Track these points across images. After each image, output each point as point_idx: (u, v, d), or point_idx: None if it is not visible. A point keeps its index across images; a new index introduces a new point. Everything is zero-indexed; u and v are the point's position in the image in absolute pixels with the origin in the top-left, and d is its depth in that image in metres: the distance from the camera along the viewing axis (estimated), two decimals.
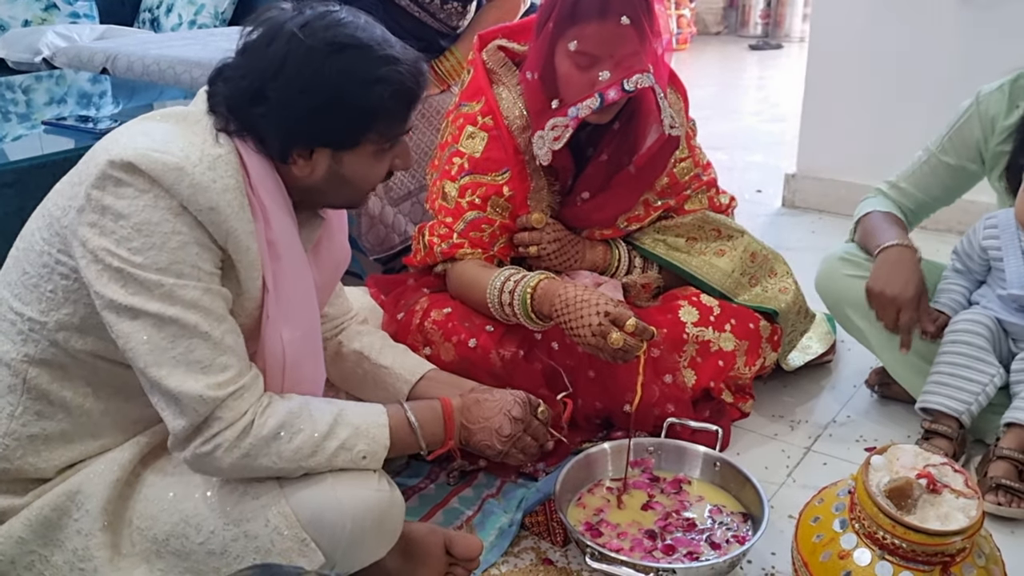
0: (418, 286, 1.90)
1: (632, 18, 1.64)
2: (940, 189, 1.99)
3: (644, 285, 1.97)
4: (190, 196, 1.17)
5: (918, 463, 1.31)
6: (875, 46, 3.11)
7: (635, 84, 1.66)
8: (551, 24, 1.70)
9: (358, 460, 1.28)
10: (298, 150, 1.25)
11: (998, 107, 1.85)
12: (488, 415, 1.43)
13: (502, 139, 1.81)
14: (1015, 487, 1.66)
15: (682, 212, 2.02)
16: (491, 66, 1.87)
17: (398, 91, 1.25)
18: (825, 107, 3.30)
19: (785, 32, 7.28)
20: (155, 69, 2.64)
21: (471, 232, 1.81)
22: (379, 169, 1.33)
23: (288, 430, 1.23)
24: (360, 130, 1.26)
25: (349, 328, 1.62)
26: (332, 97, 1.21)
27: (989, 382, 1.79)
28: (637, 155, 1.85)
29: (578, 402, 1.81)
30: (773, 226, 3.28)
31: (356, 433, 1.28)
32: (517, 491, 1.72)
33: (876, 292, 1.82)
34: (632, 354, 1.53)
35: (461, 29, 2.40)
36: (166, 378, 1.17)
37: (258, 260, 1.25)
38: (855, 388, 2.13)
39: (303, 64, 1.20)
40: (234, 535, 1.25)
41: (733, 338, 1.91)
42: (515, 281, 1.68)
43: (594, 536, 1.53)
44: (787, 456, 1.89)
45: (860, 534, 1.28)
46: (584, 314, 1.55)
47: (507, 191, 1.81)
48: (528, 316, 1.66)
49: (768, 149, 4.23)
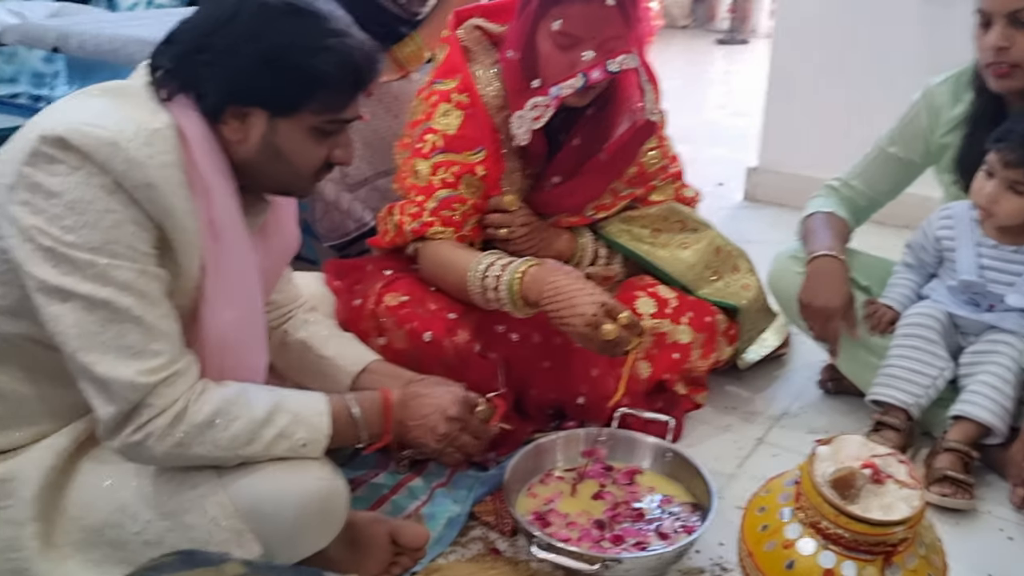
0: (377, 270, 1.86)
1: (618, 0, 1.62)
2: (887, 183, 2.02)
3: (605, 277, 1.96)
4: (125, 172, 1.13)
5: (863, 454, 1.31)
6: (837, 42, 3.13)
7: (620, 65, 1.65)
8: (534, 2, 1.68)
9: (298, 448, 1.25)
10: (234, 107, 1.22)
11: (943, 99, 1.88)
12: (425, 412, 1.39)
13: (478, 117, 1.77)
14: (960, 478, 1.68)
15: (648, 203, 2.02)
16: (467, 44, 1.84)
17: (345, 63, 1.22)
18: (787, 102, 3.32)
19: (752, 27, 7.30)
20: (108, 48, 2.58)
21: (442, 211, 1.77)
22: (316, 152, 1.29)
23: (224, 417, 1.20)
24: (299, 95, 1.22)
25: (296, 316, 1.59)
26: (277, 53, 1.19)
27: (939, 375, 1.81)
28: (609, 142, 1.84)
29: (531, 393, 1.81)
30: (734, 219, 3.29)
31: (296, 420, 1.25)
32: (467, 481, 1.70)
33: (805, 303, 1.87)
34: (622, 348, 1.52)
35: (422, 16, 2.36)
36: (96, 364, 1.14)
37: (197, 239, 1.22)
38: (807, 381, 2.14)
39: (255, 17, 1.19)
40: (170, 525, 1.22)
41: (690, 331, 1.91)
42: (501, 266, 1.64)
43: (543, 526, 1.53)
44: (739, 447, 1.89)
45: (804, 524, 1.28)
46: (578, 303, 1.52)
47: (481, 170, 1.78)
48: (514, 302, 1.62)
49: (731, 143, 4.24)
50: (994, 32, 1.66)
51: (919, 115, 1.92)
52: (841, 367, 1.98)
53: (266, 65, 1.19)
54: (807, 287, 1.88)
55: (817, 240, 1.93)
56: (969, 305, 1.83)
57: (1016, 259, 1.76)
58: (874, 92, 3.04)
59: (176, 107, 1.22)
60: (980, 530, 1.65)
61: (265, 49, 1.19)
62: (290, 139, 1.25)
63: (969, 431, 1.73)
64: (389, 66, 2.32)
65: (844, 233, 1.99)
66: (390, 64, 2.32)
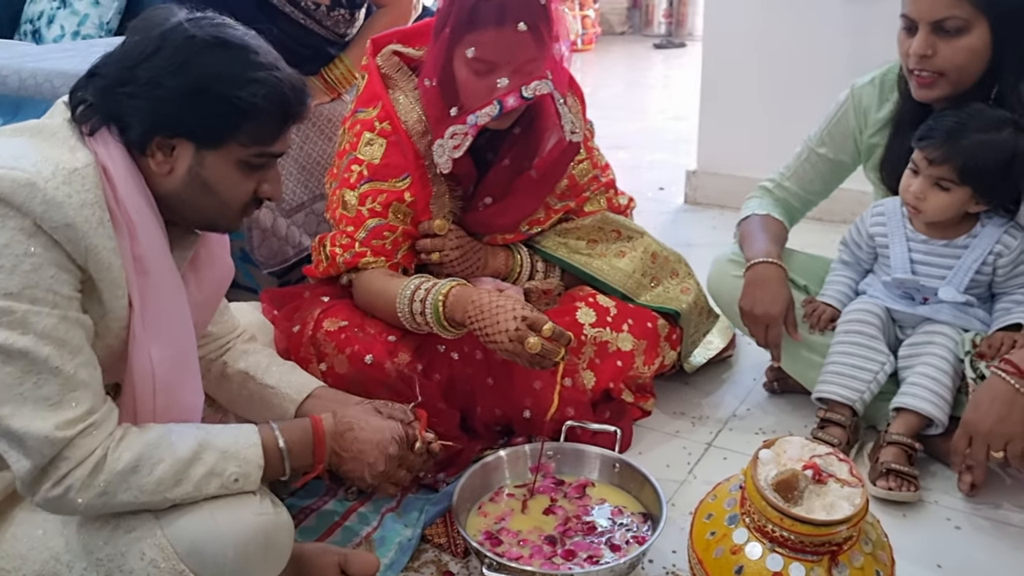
0: (314, 297, 1.85)
1: (529, 24, 1.63)
2: (819, 183, 2.04)
3: (545, 291, 1.96)
4: (43, 213, 1.10)
5: (804, 454, 1.32)
6: (766, 43, 3.17)
7: (533, 91, 1.66)
8: (448, 30, 1.68)
9: (230, 484, 1.22)
10: (159, 138, 1.20)
11: (870, 100, 1.90)
12: (362, 447, 1.36)
13: (401, 144, 1.78)
14: (904, 471, 1.70)
15: (582, 214, 2.02)
16: (386, 71, 1.84)
17: (272, 95, 1.21)
18: (722, 104, 3.36)
19: (688, 31, 7.41)
20: (32, 83, 2.52)
21: (373, 240, 1.77)
22: (244, 185, 1.27)
23: (147, 462, 1.17)
24: (226, 127, 1.21)
25: (235, 347, 1.56)
26: (204, 84, 1.18)
27: (880, 370, 1.83)
28: (538, 159, 1.85)
29: (476, 410, 1.80)
30: (675, 223, 3.32)
31: (224, 456, 1.22)
32: (418, 504, 1.69)
33: (746, 311, 1.90)
34: (550, 360, 1.51)
35: (350, 36, 2.35)
36: (9, 417, 1.10)
37: (122, 277, 1.19)
38: (754, 382, 2.16)
39: (180, 48, 1.18)
40: (107, 571, 1.19)
41: (631, 338, 1.92)
42: (426, 289, 1.64)
43: (494, 545, 1.51)
44: (688, 453, 1.90)
45: (751, 528, 1.29)
46: (500, 319, 1.51)
47: (408, 197, 1.78)
48: (440, 323, 1.62)
49: (671, 147, 4.29)
50: (918, 39, 1.67)
51: (847, 115, 1.95)
52: (785, 366, 1.99)
53: (193, 96, 1.18)
54: (746, 294, 1.90)
55: (754, 245, 1.95)
56: (904, 299, 1.85)
57: (946, 253, 1.79)
58: (803, 91, 3.09)
59: (98, 142, 1.19)
60: (927, 521, 1.68)
61: (192, 80, 1.17)
62: (217, 172, 1.24)
63: (911, 422, 1.75)
64: (320, 88, 2.31)
65: (781, 235, 2.01)
66: (321, 86, 2.31)
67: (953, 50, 1.65)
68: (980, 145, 1.65)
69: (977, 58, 1.66)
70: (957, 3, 1.62)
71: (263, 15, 2.16)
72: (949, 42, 1.65)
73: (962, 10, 1.62)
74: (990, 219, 1.77)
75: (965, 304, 1.79)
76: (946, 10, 1.63)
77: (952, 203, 1.73)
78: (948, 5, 1.62)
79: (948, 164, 1.69)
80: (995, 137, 1.65)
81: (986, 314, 1.81)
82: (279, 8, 2.20)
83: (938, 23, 1.64)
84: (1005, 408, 1.56)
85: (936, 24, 1.65)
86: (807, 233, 2.27)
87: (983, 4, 1.62)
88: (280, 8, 2.20)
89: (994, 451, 1.57)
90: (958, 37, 1.65)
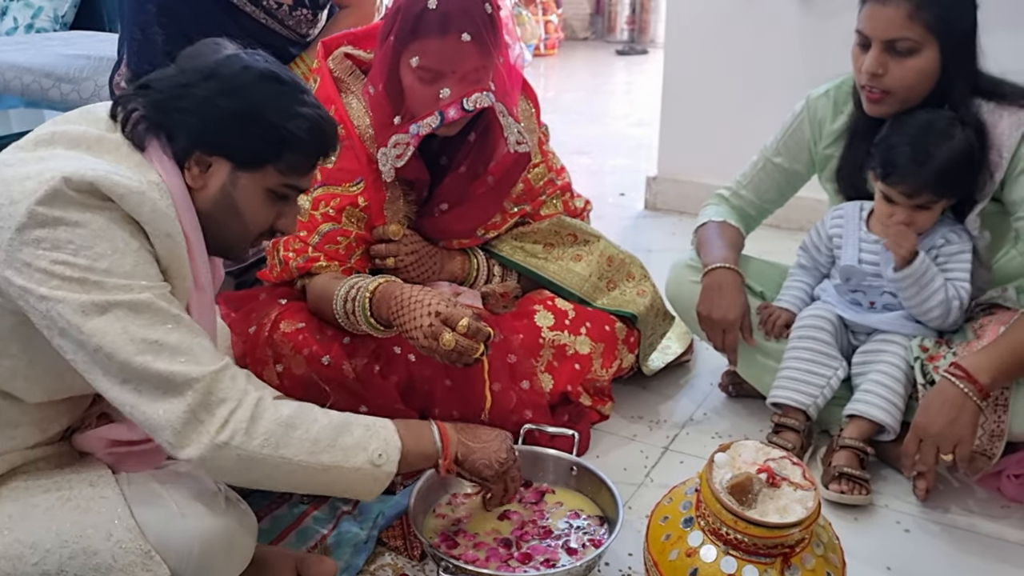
0: (271, 299, 1.83)
1: (473, 34, 1.62)
2: (775, 191, 2.07)
3: (502, 294, 1.96)
4: (150, 220, 1.17)
5: (759, 458, 1.34)
6: (725, 52, 3.21)
7: (474, 103, 1.66)
8: (392, 38, 1.68)
9: (375, 459, 1.28)
10: (200, 154, 1.24)
11: (824, 111, 1.93)
12: (487, 439, 1.47)
13: (355, 149, 1.77)
14: (856, 475, 1.73)
15: (538, 217, 2.03)
16: (338, 74, 1.83)
17: (315, 131, 1.28)
18: (682, 111, 3.39)
19: (651, 38, 7.46)
20: None
21: (326, 245, 1.76)
22: (267, 213, 1.32)
23: (304, 418, 1.23)
24: (268, 151, 1.26)
25: None
26: (256, 110, 1.24)
27: (833, 375, 1.86)
28: (493, 165, 1.85)
29: (435, 412, 1.79)
30: (635, 228, 3.34)
31: (368, 432, 1.29)
32: (373, 507, 1.67)
33: (704, 316, 1.93)
34: (469, 356, 1.48)
35: (312, 37, 2.34)
36: (153, 361, 1.13)
37: (187, 291, 1.26)
38: (711, 386, 2.18)
39: (236, 75, 1.24)
40: (72, 552, 1.18)
41: (589, 341, 1.93)
42: (358, 288, 1.63)
43: (450, 547, 1.51)
44: (646, 456, 1.91)
45: (706, 531, 1.30)
46: (417, 315, 1.50)
47: (362, 201, 1.77)
48: (368, 321, 1.61)
49: (632, 153, 4.32)
50: (869, 57, 1.70)
51: (802, 126, 1.97)
52: (740, 371, 2.01)
53: (244, 118, 1.24)
54: (704, 300, 1.92)
55: (712, 251, 1.97)
56: (854, 305, 1.88)
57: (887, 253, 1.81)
58: (761, 100, 3.12)
59: (153, 156, 1.24)
60: (878, 524, 1.70)
61: (246, 105, 1.23)
62: (247, 195, 1.28)
63: (863, 428, 1.78)
64: None
65: (738, 242, 2.03)
66: None
67: (903, 70, 1.69)
68: (944, 163, 1.68)
69: (925, 79, 1.70)
70: (910, 25, 1.65)
71: (224, 14, 2.14)
72: (900, 62, 1.68)
73: (914, 32, 1.65)
74: (940, 221, 1.80)
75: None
76: (899, 31, 1.66)
77: (936, 214, 1.76)
78: (901, 26, 1.65)
79: (924, 193, 1.72)
80: (952, 145, 1.68)
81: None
82: (240, 8, 2.18)
83: (890, 43, 1.67)
84: (954, 411, 1.59)
85: (888, 43, 1.68)
86: (764, 240, 2.30)
87: (935, 28, 1.65)
88: (241, 8, 2.18)
89: (943, 454, 1.60)
90: (909, 58, 1.68)
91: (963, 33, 1.68)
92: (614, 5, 7.62)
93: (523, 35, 6.42)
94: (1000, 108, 1.69)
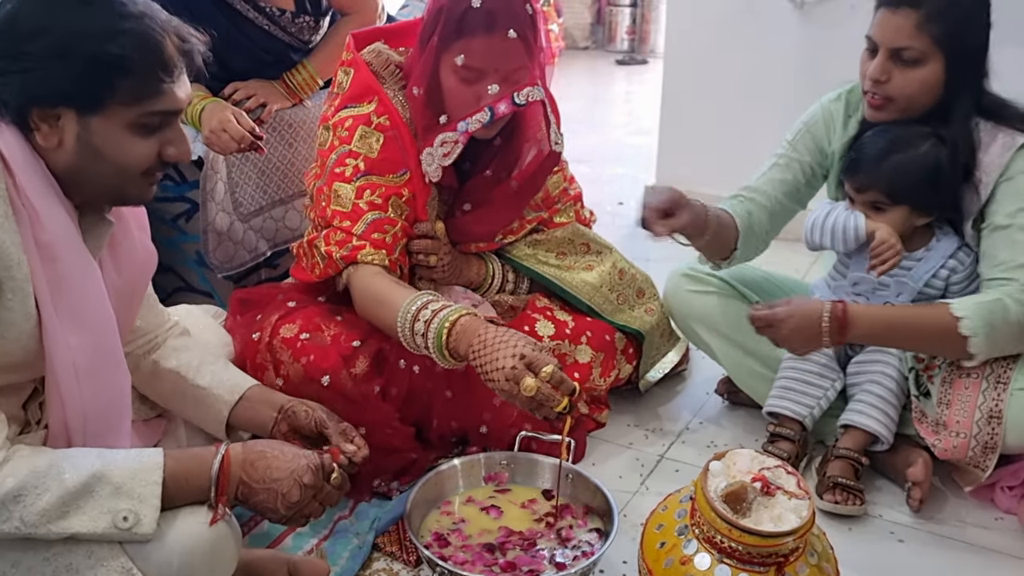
0: (282, 301, 1.80)
1: (519, 32, 1.63)
2: (791, 184, 1.95)
3: (512, 307, 1.96)
4: None
5: (753, 467, 1.34)
6: (724, 61, 3.22)
7: (526, 97, 1.66)
8: (436, 38, 1.67)
9: (120, 523, 1.14)
10: (39, 111, 1.15)
11: (837, 115, 1.90)
12: (276, 476, 1.25)
13: (401, 139, 1.74)
14: (851, 485, 1.73)
15: (552, 225, 2.04)
16: (375, 68, 1.79)
17: (143, 44, 1.15)
18: (681, 120, 3.40)
19: (651, 48, 7.46)
20: None
21: (373, 233, 1.70)
22: (141, 149, 1.20)
23: (32, 490, 1.11)
24: (100, 86, 1.15)
25: (165, 344, 1.52)
26: (68, 45, 1.12)
27: (830, 387, 1.87)
28: (517, 171, 1.85)
29: (433, 422, 1.80)
30: (633, 237, 3.32)
31: (117, 493, 1.15)
32: (370, 511, 1.69)
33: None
34: (548, 407, 1.39)
35: (314, 43, 2.35)
36: None
37: (27, 272, 1.15)
38: (707, 395, 2.19)
39: (38, 13, 1.13)
40: (54, 568, 1.16)
41: (589, 350, 1.94)
42: (432, 311, 1.53)
43: (441, 546, 1.51)
44: (641, 464, 1.92)
45: (700, 539, 1.31)
46: (500, 356, 1.41)
47: (407, 193, 1.75)
48: (441, 353, 1.51)
49: (632, 161, 4.32)
50: (875, 64, 1.71)
51: (817, 127, 1.93)
52: (736, 381, 2.02)
53: (58, 60, 1.12)
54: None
55: None
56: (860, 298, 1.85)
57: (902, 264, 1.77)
58: (760, 109, 3.13)
59: None
60: (872, 534, 1.71)
61: (54, 43, 1.12)
62: (107, 137, 1.18)
63: (857, 439, 1.79)
64: (282, 94, 2.30)
65: (723, 216, 1.91)
66: (283, 92, 2.30)
67: (906, 79, 1.69)
68: (900, 165, 1.70)
69: (928, 90, 1.70)
70: (917, 35, 1.66)
71: (227, 20, 2.15)
72: (904, 71, 1.69)
73: (921, 43, 1.66)
74: (946, 235, 1.80)
75: None
76: (906, 40, 1.67)
77: (895, 221, 1.76)
78: (909, 36, 1.66)
79: (873, 189, 1.74)
80: (915, 154, 1.70)
81: None
82: (243, 13, 2.19)
83: (896, 51, 1.68)
84: (804, 324, 1.69)
85: (894, 52, 1.68)
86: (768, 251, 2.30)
87: (942, 41, 1.66)
88: (244, 14, 2.19)
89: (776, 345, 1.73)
90: (913, 68, 1.68)
91: (971, 50, 1.69)
92: (615, 15, 7.62)
93: None
94: (996, 129, 1.70)
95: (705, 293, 1.96)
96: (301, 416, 1.46)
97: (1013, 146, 1.67)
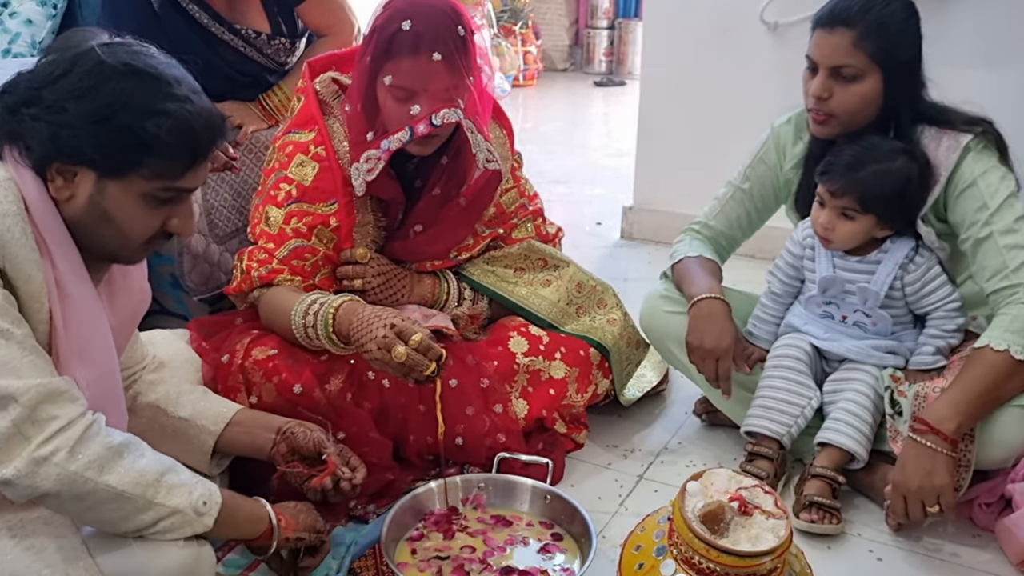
0: (245, 328, 1.82)
1: (444, 55, 1.67)
2: (745, 220, 2.09)
3: (472, 316, 1.97)
4: None
5: (731, 487, 1.34)
6: (699, 84, 3.25)
7: (442, 119, 1.69)
8: (368, 58, 1.73)
9: (197, 505, 1.21)
10: (60, 164, 1.17)
11: (787, 137, 1.99)
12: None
13: (332, 170, 1.80)
14: (828, 504, 1.73)
15: (510, 240, 2.05)
16: (324, 97, 1.86)
17: (179, 128, 1.19)
18: (658, 142, 3.42)
19: (628, 70, 7.51)
20: None
21: (292, 260, 1.78)
22: (149, 219, 1.24)
23: (134, 448, 1.18)
24: (128, 159, 1.18)
25: (142, 378, 1.52)
26: (106, 113, 1.15)
27: (807, 404, 1.87)
28: (465, 187, 1.88)
29: (409, 439, 1.79)
30: (612, 258, 3.35)
31: (194, 478, 1.23)
32: (347, 535, 1.66)
33: (695, 346, 1.89)
34: (419, 372, 1.52)
35: (289, 65, 2.35)
36: None
37: (43, 291, 1.17)
38: (686, 415, 2.19)
39: (89, 74, 1.16)
40: None
41: (564, 366, 1.94)
42: (320, 304, 1.66)
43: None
44: (620, 485, 1.91)
45: (678, 559, 1.30)
46: (373, 327, 1.54)
47: (334, 222, 1.80)
48: (329, 337, 1.64)
49: (609, 182, 4.34)
50: (816, 82, 1.77)
51: (768, 153, 2.02)
52: (714, 401, 2.02)
53: (94, 124, 1.15)
54: (694, 330, 1.89)
55: (696, 283, 1.97)
56: (825, 319, 1.89)
57: (861, 268, 1.84)
58: (736, 131, 3.12)
59: (9, 162, 1.18)
60: (850, 553, 1.71)
61: (95, 107, 1.16)
62: (119, 203, 1.21)
63: (834, 457, 1.79)
64: (258, 115, 2.30)
65: (718, 273, 2.04)
66: (259, 113, 2.30)
67: (847, 95, 1.75)
68: (876, 175, 1.74)
69: (868, 104, 1.76)
70: (854, 53, 1.72)
71: (203, 42, 2.15)
72: (844, 87, 1.75)
73: (858, 60, 1.72)
74: (899, 236, 1.83)
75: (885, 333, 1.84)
76: (844, 58, 1.73)
77: (859, 231, 1.79)
78: (846, 54, 1.73)
79: (849, 195, 1.77)
80: (890, 166, 1.74)
81: (912, 342, 1.86)
82: (218, 36, 2.18)
83: (836, 69, 1.74)
84: (928, 464, 1.61)
85: (834, 69, 1.75)
86: (738, 270, 2.31)
87: (877, 57, 1.72)
88: (219, 36, 2.19)
89: (929, 507, 1.61)
90: (853, 83, 1.74)
91: (905, 62, 1.76)
92: (593, 37, 7.69)
93: (502, 65, 6.46)
94: (941, 132, 1.77)
95: (682, 314, 1.96)
96: (300, 437, 1.50)
97: (958, 147, 1.74)
